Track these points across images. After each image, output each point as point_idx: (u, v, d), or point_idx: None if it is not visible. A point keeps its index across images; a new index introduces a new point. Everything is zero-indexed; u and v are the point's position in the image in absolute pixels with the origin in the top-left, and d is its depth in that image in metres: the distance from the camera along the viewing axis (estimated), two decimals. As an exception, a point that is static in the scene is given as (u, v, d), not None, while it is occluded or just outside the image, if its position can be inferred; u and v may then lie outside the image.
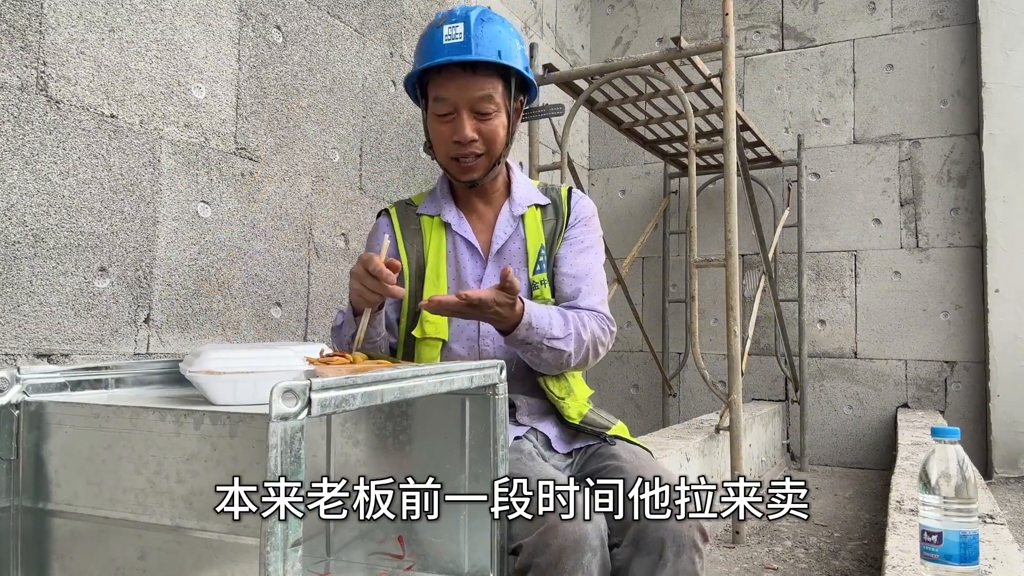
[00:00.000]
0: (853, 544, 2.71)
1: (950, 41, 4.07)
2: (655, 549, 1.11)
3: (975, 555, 1.18)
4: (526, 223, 1.45)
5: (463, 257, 1.43)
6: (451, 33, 1.33)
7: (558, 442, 1.36)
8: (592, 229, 1.50)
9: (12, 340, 1.66)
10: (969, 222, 3.97)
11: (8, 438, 0.86)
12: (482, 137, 1.36)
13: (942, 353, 4.02)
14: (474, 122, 1.35)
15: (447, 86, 1.34)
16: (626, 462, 1.24)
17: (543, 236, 1.44)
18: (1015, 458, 3.69)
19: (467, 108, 1.35)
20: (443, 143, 1.38)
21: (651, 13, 4.80)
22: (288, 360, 0.89)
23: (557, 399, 1.38)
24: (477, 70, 1.34)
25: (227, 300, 2.19)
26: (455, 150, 1.37)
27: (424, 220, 1.47)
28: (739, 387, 2.61)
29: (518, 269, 1.42)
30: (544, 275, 1.41)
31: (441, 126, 1.37)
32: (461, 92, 1.34)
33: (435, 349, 1.40)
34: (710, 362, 4.31)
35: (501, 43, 1.35)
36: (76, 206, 1.79)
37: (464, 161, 1.38)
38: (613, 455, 1.28)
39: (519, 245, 1.44)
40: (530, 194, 1.48)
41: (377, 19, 2.81)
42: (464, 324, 1.41)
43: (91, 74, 1.83)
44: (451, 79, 1.34)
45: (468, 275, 1.42)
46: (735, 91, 2.77)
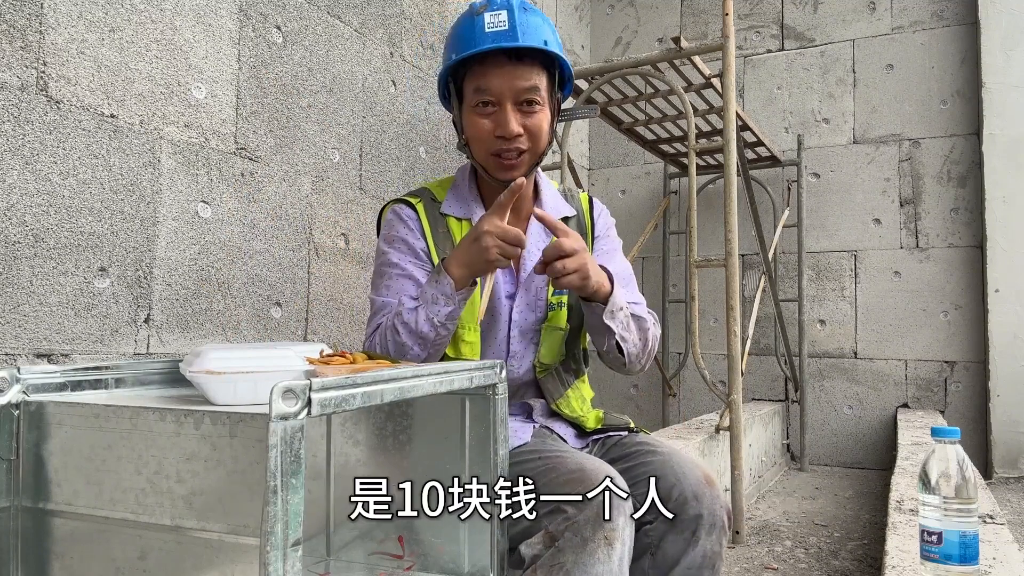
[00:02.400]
0: (853, 544, 2.71)
1: (950, 41, 4.07)
2: (689, 527, 1.15)
3: (975, 555, 1.18)
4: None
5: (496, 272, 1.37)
6: (493, 21, 1.25)
7: (573, 439, 1.38)
8: (615, 236, 1.50)
9: (12, 340, 1.66)
10: (969, 222, 3.97)
11: (8, 438, 0.86)
12: (527, 132, 1.28)
13: (942, 353, 4.02)
14: (519, 115, 1.26)
15: (491, 76, 1.24)
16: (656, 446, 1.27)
17: None
18: (1015, 458, 3.69)
19: (512, 100, 1.26)
20: (484, 138, 1.28)
21: (651, 13, 4.80)
22: (288, 360, 0.89)
23: (578, 417, 1.39)
24: (523, 59, 1.25)
25: (227, 300, 2.19)
26: (497, 145, 1.27)
27: (451, 223, 1.38)
28: (739, 387, 2.61)
29: (540, 284, 1.37)
30: (564, 298, 1.37)
31: (482, 120, 1.27)
32: (506, 83, 1.24)
33: None
34: (710, 362, 4.31)
35: (546, 33, 1.28)
36: (76, 206, 1.79)
37: (507, 157, 1.28)
38: (640, 442, 1.31)
39: None
40: (558, 204, 1.43)
41: (377, 19, 2.81)
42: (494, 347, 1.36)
43: (91, 74, 1.83)
44: (496, 69, 1.24)
45: (500, 288, 1.35)
46: (735, 91, 2.77)
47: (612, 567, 1.03)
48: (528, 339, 1.37)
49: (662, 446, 1.28)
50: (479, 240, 1.18)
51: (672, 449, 1.27)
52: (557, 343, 1.38)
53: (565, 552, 1.03)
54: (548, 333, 1.37)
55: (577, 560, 1.02)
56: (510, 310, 1.35)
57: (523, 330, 1.36)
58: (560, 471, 1.10)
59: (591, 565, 1.02)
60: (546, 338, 1.37)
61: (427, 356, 1.24)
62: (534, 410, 1.40)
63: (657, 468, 1.20)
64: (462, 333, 1.32)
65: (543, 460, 1.15)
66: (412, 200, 1.40)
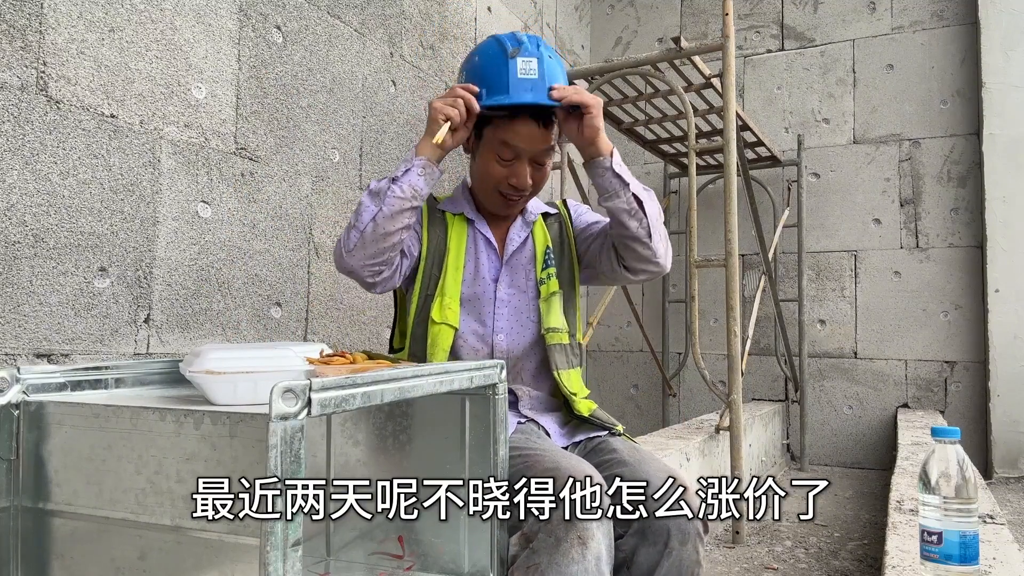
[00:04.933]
0: (853, 544, 2.71)
1: (950, 41, 4.07)
2: (660, 539, 1.15)
3: (975, 555, 1.18)
4: (534, 229, 1.52)
5: (482, 253, 1.47)
6: (525, 68, 1.32)
7: (558, 437, 1.40)
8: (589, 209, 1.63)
9: (12, 340, 1.66)
10: (969, 222, 3.97)
11: (8, 438, 0.86)
12: (535, 183, 1.41)
13: (942, 353, 4.02)
14: (532, 169, 1.39)
15: (519, 137, 1.35)
16: (628, 456, 1.28)
17: (549, 239, 1.51)
18: (1015, 458, 3.69)
19: (530, 157, 1.38)
20: (495, 180, 1.40)
21: (651, 13, 4.80)
22: (288, 360, 0.89)
23: (571, 394, 1.42)
24: (548, 119, 1.36)
25: (227, 300, 2.19)
26: (507, 190, 1.41)
27: (447, 215, 1.50)
28: (739, 387, 2.61)
29: (528, 266, 1.48)
30: (552, 270, 1.47)
31: (498, 167, 1.39)
32: (531, 145, 1.36)
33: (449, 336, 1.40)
34: (710, 362, 4.31)
35: (562, 77, 1.38)
36: (76, 206, 1.79)
37: (511, 201, 1.43)
38: (614, 449, 1.32)
39: (530, 247, 1.50)
40: (539, 206, 1.56)
41: (377, 19, 2.81)
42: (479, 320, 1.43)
43: (91, 74, 1.83)
44: (524, 130, 1.35)
45: (485, 270, 1.46)
46: (735, 91, 2.77)
47: (588, 566, 1.03)
48: (524, 316, 1.45)
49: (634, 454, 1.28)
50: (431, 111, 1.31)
51: (642, 458, 1.27)
52: (558, 306, 1.46)
53: (539, 553, 1.03)
54: (546, 301, 1.44)
55: (551, 560, 1.02)
56: (494, 290, 1.44)
57: (516, 308, 1.44)
58: (536, 469, 1.10)
59: (565, 565, 1.02)
60: (546, 306, 1.44)
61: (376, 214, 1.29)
62: (520, 401, 1.43)
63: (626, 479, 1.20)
64: (447, 301, 1.40)
65: (522, 458, 1.16)
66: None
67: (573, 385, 1.45)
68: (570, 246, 1.53)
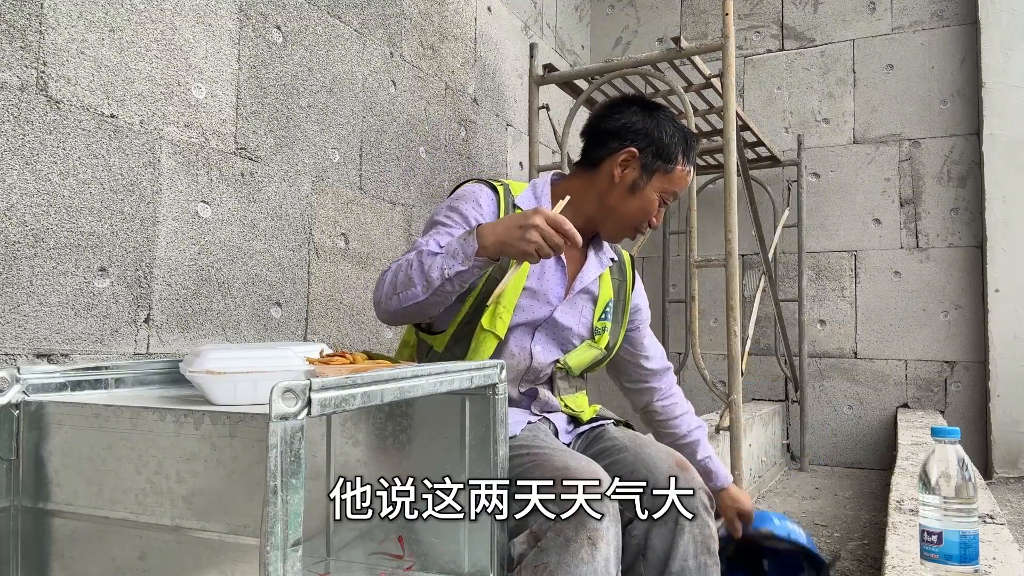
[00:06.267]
0: (853, 544, 2.71)
1: (950, 41, 4.06)
2: (669, 518, 1.18)
3: (975, 555, 1.18)
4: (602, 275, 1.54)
5: (548, 269, 1.43)
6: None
7: (564, 434, 1.43)
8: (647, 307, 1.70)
9: (12, 340, 1.66)
10: (969, 222, 3.97)
11: (8, 438, 0.86)
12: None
13: (942, 353, 4.02)
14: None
15: (682, 185, 1.49)
16: (628, 442, 1.32)
17: (612, 291, 1.55)
18: (1015, 458, 3.69)
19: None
20: (639, 216, 1.47)
21: (651, 13, 4.80)
22: (288, 360, 0.89)
23: (576, 412, 1.48)
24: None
25: (227, 300, 2.19)
26: (644, 226, 1.50)
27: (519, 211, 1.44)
28: (739, 387, 2.61)
29: (587, 304, 1.50)
30: (608, 324, 1.51)
31: (648, 205, 1.46)
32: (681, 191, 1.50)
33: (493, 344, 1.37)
34: (710, 362, 4.31)
35: None
36: (76, 206, 1.79)
37: (640, 234, 1.53)
38: (614, 436, 1.36)
39: (595, 290, 1.52)
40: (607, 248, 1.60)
41: (377, 19, 2.81)
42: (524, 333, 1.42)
43: (91, 74, 1.83)
44: (685, 180, 1.49)
45: (549, 288, 1.43)
46: (735, 91, 2.77)
47: (597, 567, 1.03)
48: (563, 338, 1.46)
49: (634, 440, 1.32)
50: (524, 227, 1.15)
51: (642, 443, 1.32)
52: (588, 359, 1.49)
53: (548, 552, 1.03)
54: (587, 347, 1.48)
55: (560, 560, 1.02)
56: (551, 311, 1.44)
57: (561, 329, 1.45)
58: (545, 469, 1.11)
59: (574, 566, 1.02)
60: (582, 350, 1.47)
61: (425, 301, 1.23)
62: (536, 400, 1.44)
63: (628, 465, 1.24)
64: (500, 311, 1.36)
65: (531, 456, 1.16)
66: (496, 184, 1.47)
67: (578, 404, 1.49)
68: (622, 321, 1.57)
